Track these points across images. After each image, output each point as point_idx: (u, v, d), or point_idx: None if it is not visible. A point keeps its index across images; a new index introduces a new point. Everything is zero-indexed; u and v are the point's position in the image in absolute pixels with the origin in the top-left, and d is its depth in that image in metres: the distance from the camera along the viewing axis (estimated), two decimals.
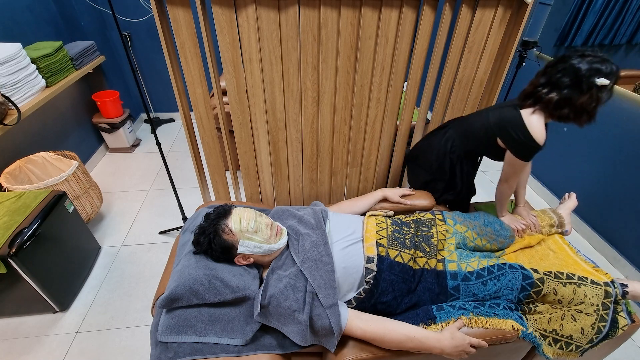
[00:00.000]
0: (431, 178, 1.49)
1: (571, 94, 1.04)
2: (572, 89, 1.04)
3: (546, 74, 1.10)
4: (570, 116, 1.08)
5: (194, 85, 1.35)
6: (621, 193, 1.92)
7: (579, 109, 1.06)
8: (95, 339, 1.54)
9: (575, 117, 1.08)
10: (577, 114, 1.07)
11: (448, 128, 1.44)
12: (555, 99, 1.06)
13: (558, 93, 1.06)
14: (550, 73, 1.08)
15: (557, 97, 1.06)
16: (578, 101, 1.04)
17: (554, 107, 1.08)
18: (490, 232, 1.23)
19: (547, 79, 1.09)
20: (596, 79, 1.00)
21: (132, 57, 2.97)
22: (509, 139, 1.16)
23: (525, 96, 1.15)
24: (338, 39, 1.31)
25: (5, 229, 1.38)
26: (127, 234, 2.09)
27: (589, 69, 1.00)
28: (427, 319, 0.99)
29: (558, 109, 1.08)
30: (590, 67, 1.00)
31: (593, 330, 0.98)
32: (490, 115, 1.23)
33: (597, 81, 1.00)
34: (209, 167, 1.61)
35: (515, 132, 1.13)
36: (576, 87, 1.03)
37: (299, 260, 1.03)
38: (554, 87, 1.07)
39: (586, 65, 1.01)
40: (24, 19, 2.08)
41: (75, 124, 2.51)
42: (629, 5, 1.91)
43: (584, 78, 1.01)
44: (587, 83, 1.01)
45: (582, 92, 1.03)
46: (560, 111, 1.08)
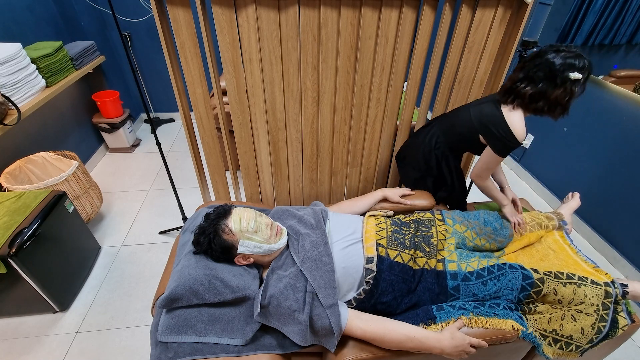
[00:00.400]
0: (420, 175, 1.52)
1: (546, 88, 1.08)
2: (546, 83, 1.08)
3: (524, 68, 1.13)
4: (544, 109, 1.12)
5: (194, 85, 1.35)
6: (621, 193, 1.92)
7: (553, 102, 1.10)
8: (95, 339, 1.54)
9: (549, 110, 1.12)
10: (551, 107, 1.11)
11: (432, 125, 1.47)
12: (530, 92, 1.11)
13: (533, 87, 1.10)
14: (527, 68, 1.12)
15: (532, 90, 1.10)
16: (552, 95, 1.08)
17: (529, 100, 1.12)
18: (490, 231, 1.23)
19: (524, 73, 1.13)
20: (570, 73, 1.04)
21: (132, 57, 2.97)
22: (491, 135, 1.20)
23: (505, 92, 1.18)
24: (338, 39, 1.31)
25: (5, 229, 1.38)
26: (127, 234, 2.09)
27: (563, 63, 1.04)
28: (427, 319, 0.99)
29: (533, 102, 1.12)
30: (564, 62, 1.04)
31: (593, 330, 0.98)
32: (472, 112, 1.27)
33: (571, 75, 1.04)
34: (209, 167, 1.61)
35: (497, 129, 1.17)
36: (550, 81, 1.07)
37: (299, 260, 1.03)
38: (530, 81, 1.11)
39: (560, 60, 1.05)
40: (24, 19, 2.08)
41: (75, 124, 2.51)
42: (629, 5, 1.91)
43: (558, 72, 1.05)
44: (561, 77, 1.05)
45: (556, 86, 1.07)
46: (535, 104, 1.12)
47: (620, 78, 1.95)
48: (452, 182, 1.48)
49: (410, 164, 1.56)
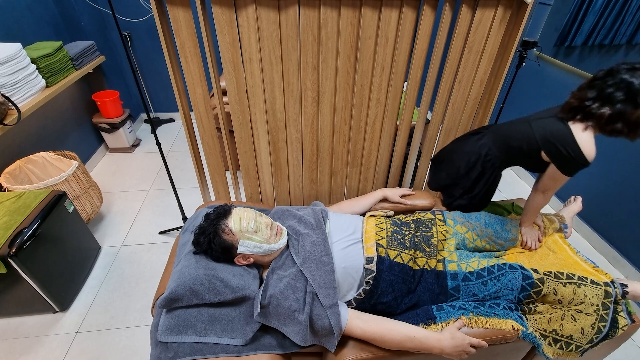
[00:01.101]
0: (452, 183, 1.44)
1: (624, 109, 1.01)
2: (625, 104, 1.01)
3: (594, 87, 1.06)
4: (624, 131, 1.05)
5: (194, 85, 1.35)
6: (621, 193, 1.93)
7: (633, 124, 1.02)
8: (95, 339, 1.54)
9: (630, 132, 1.05)
10: (631, 129, 1.04)
11: (482, 134, 1.38)
12: (607, 114, 1.03)
13: (611, 108, 1.02)
14: (600, 87, 1.05)
15: (610, 112, 1.03)
16: (633, 116, 1.01)
17: (606, 122, 1.05)
18: (491, 233, 1.23)
19: (596, 93, 1.05)
20: None
21: (132, 57, 2.97)
22: (557, 154, 1.11)
23: (572, 110, 1.10)
24: (338, 39, 1.31)
25: (5, 229, 1.38)
26: (127, 234, 2.09)
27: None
28: (427, 319, 0.99)
29: (610, 124, 1.05)
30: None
31: (593, 330, 0.98)
32: (534, 127, 1.18)
33: None
34: (209, 167, 1.61)
35: (565, 148, 1.09)
36: (630, 102, 1.00)
37: (299, 260, 1.03)
38: (605, 101, 1.03)
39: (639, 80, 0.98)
40: (24, 19, 2.08)
41: (75, 124, 2.51)
42: (629, 5, 1.91)
43: (638, 92, 0.98)
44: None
45: (637, 106, 1.00)
46: (612, 126, 1.05)
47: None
48: (478, 193, 1.41)
49: (446, 169, 1.48)
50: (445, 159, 1.50)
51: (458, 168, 1.39)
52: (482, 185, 1.38)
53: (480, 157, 1.33)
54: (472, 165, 1.35)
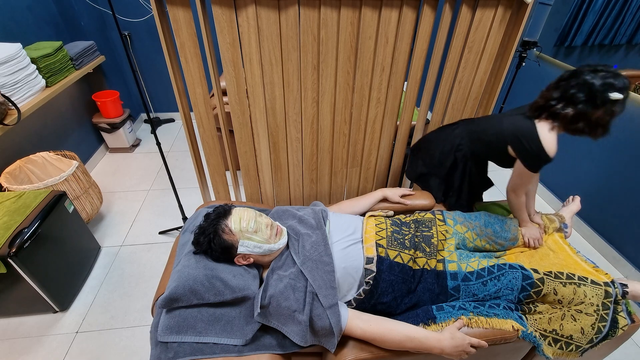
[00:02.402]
0: (427, 171, 1.50)
1: (586, 109, 1.05)
2: (586, 104, 1.05)
3: (559, 88, 1.10)
4: (585, 130, 1.09)
5: (194, 85, 1.35)
6: (621, 193, 1.93)
7: (593, 123, 1.07)
8: (95, 339, 1.54)
9: (591, 131, 1.09)
10: (592, 128, 1.09)
11: (458, 126, 1.44)
12: (570, 114, 1.08)
13: (573, 108, 1.07)
14: (564, 88, 1.09)
15: (573, 112, 1.07)
16: (593, 116, 1.05)
17: (569, 122, 1.09)
18: (490, 233, 1.23)
19: (560, 93, 1.10)
20: (610, 93, 1.01)
21: (132, 57, 2.97)
22: (521, 149, 1.17)
23: (538, 109, 1.15)
24: (338, 39, 1.31)
25: (5, 229, 1.38)
26: (127, 234, 2.09)
27: (603, 84, 1.02)
28: (427, 319, 0.99)
29: (573, 124, 1.09)
30: (604, 82, 1.02)
31: (593, 330, 0.98)
32: (504, 122, 1.23)
33: (611, 96, 1.01)
34: (209, 167, 1.61)
35: (529, 143, 1.14)
36: (591, 102, 1.04)
37: (299, 260, 1.03)
38: (568, 102, 1.08)
39: (600, 81, 1.02)
40: (24, 19, 2.08)
41: (75, 124, 2.51)
42: (629, 5, 1.91)
43: (598, 93, 1.02)
44: (601, 98, 1.02)
45: (597, 107, 1.04)
46: (575, 125, 1.09)
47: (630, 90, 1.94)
48: (459, 187, 1.45)
49: (422, 157, 1.53)
50: (422, 147, 1.56)
51: (432, 156, 1.46)
52: (460, 178, 1.43)
53: (454, 147, 1.39)
54: (446, 154, 1.41)
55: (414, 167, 1.60)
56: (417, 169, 1.56)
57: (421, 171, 1.53)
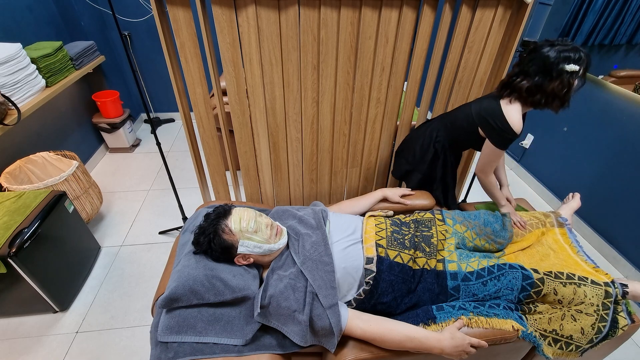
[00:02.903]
0: (411, 168, 1.53)
1: (542, 81, 1.10)
2: (542, 76, 1.10)
3: (520, 64, 1.16)
4: (542, 102, 1.14)
5: (194, 85, 1.35)
6: (621, 193, 1.92)
7: (550, 95, 1.12)
8: (95, 339, 1.54)
9: (547, 103, 1.14)
10: (548, 100, 1.13)
11: (433, 121, 1.49)
12: (526, 86, 1.13)
13: (529, 80, 1.12)
14: (523, 62, 1.15)
15: (528, 84, 1.12)
16: (549, 87, 1.10)
17: (526, 94, 1.14)
18: (490, 232, 1.23)
19: (520, 68, 1.15)
20: (565, 65, 1.06)
21: (132, 57, 2.97)
22: (488, 127, 1.22)
23: (502, 86, 1.21)
24: (338, 39, 1.31)
25: (5, 229, 1.38)
26: (127, 234, 2.09)
27: (557, 56, 1.06)
28: (427, 319, 0.99)
29: (530, 96, 1.14)
30: (559, 55, 1.06)
31: (593, 330, 0.98)
32: (472, 106, 1.30)
33: (567, 67, 1.06)
34: (209, 167, 1.61)
35: (494, 121, 1.19)
36: (546, 74, 1.09)
37: (299, 260, 1.03)
38: (525, 75, 1.13)
39: (554, 53, 1.07)
40: (24, 19, 2.08)
41: (75, 124, 2.51)
42: (629, 5, 1.91)
43: (554, 65, 1.07)
44: (556, 70, 1.07)
45: (552, 79, 1.09)
46: (532, 98, 1.14)
47: (620, 78, 1.95)
48: (443, 178, 1.50)
49: (405, 156, 1.57)
50: (404, 147, 1.60)
51: (414, 152, 1.50)
52: (442, 168, 1.47)
53: (432, 140, 1.43)
54: (425, 148, 1.45)
55: (398, 166, 1.64)
56: (401, 167, 1.60)
57: (405, 169, 1.57)
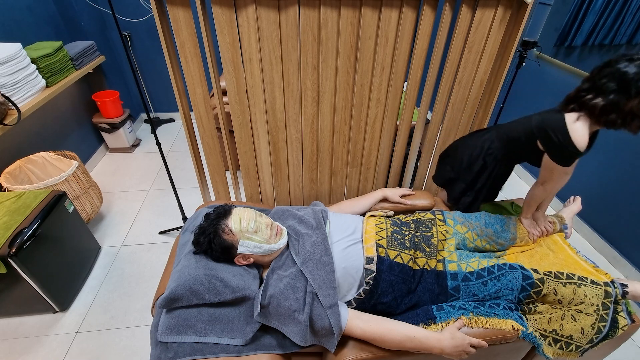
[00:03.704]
0: (455, 177, 1.46)
1: (618, 99, 0.98)
2: (619, 94, 0.98)
3: (591, 79, 1.05)
4: (618, 122, 1.01)
5: (194, 85, 1.35)
6: (621, 193, 1.93)
7: (628, 114, 0.99)
8: (95, 339, 1.54)
9: (625, 123, 1.01)
10: (626, 120, 1.01)
11: (488, 131, 1.40)
12: (600, 105, 1.01)
13: (604, 98, 1.00)
14: (595, 78, 1.03)
15: (603, 102, 1.00)
16: (627, 106, 0.98)
17: (600, 113, 1.02)
18: (491, 233, 1.23)
19: (591, 84, 1.04)
20: None
21: (132, 57, 2.97)
22: (548, 141, 1.11)
23: (568, 101, 1.10)
24: (338, 39, 1.31)
25: (5, 229, 1.38)
26: (127, 234, 2.09)
27: (638, 72, 0.95)
28: (427, 319, 0.99)
29: (604, 115, 1.02)
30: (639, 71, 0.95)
31: (593, 330, 0.98)
32: (534, 118, 1.19)
33: None
34: (209, 167, 1.61)
35: (555, 134, 1.08)
36: (624, 92, 0.97)
37: (299, 260, 1.03)
38: (599, 92, 1.01)
39: (634, 69, 0.95)
40: (24, 19, 2.08)
41: (75, 124, 2.51)
42: (629, 5, 1.91)
43: (633, 82, 0.95)
44: (636, 87, 0.95)
45: (631, 97, 0.97)
46: (607, 117, 1.02)
47: None
48: (480, 189, 1.42)
49: (450, 163, 1.50)
50: (451, 153, 1.53)
51: (461, 161, 1.42)
52: (485, 179, 1.39)
53: (483, 150, 1.35)
54: (474, 159, 1.37)
55: (441, 173, 1.57)
56: (445, 174, 1.52)
57: (449, 176, 1.49)
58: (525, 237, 1.27)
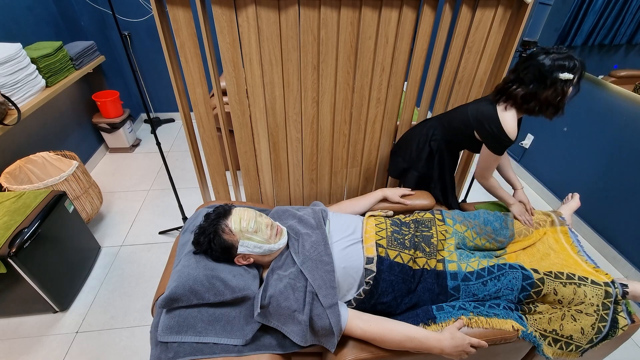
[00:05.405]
0: (407, 166, 1.54)
1: (536, 89, 1.11)
2: (536, 84, 1.11)
3: (516, 71, 1.17)
4: (536, 109, 1.15)
5: (194, 85, 1.35)
6: (621, 193, 1.92)
7: (544, 103, 1.13)
8: (95, 339, 1.54)
9: (541, 111, 1.15)
10: (542, 108, 1.14)
11: (430, 119, 1.50)
12: (521, 94, 1.14)
13: (524, 88, 1.13)
14: (519, 70, 1.15)
15: (523, 92, 1.14)
16: (543, 95, 1.11)
17: (521, 101, 1.15)
18: (490, 231, 1.23)
19: (515, 75, 1.17)
20: (560, 73, 1.06)
21: (132, 57, 2.97)
22: (484, 131, 1.23)
23: (498, 92, 1.22)
24: (338, 39, 1.31)
25: (5, 229, 1.38)
26: (127, 234, 2.09)
27: (552, 65, 1.07)
28: (427, 319, 0.99)
29: (525, 103, 1.15)
30: (553, 64, 1.07)
31: (593, 330, 0.98)
32: (469, 109, 1.30)
33: (561, 75, 1.07)
34: (209, 167, 1.61)
35: (490, 126, 1.20)
36: (540, 82, 1.10)
37: (299, 260, 1.03)
38: (520, 82, 1.14)
39: (549, 62, 1.07)
40: (24, 19, 2.08)
41: (75, 124, 2.51)
42: (629, 5, 1.91)
43: (548, 73, 1.08)
44: (550, 78, 1.08)
45: (546, 87, 1.10)
46: (527, 105, 1.16)
47: (620, 78, 1.95)
48: (440, 177, 1.50)
49: (401, 154, 1.58)
50: (402, 145, 1.60)
51: (410, 151, 1.50)
52: (438, 168, 1.48)
53: (428, 138, 1.45)
54: (421, 147, 1.46)
55: (395, 165, 1.64)
56: (398, 165, 1.60)
57: (402, 167, 1.57)
58: (524, 231, 1.28)
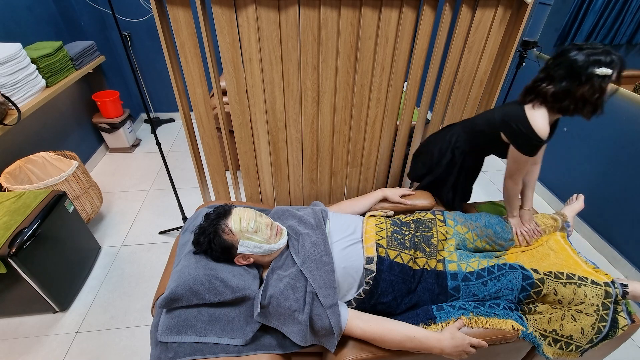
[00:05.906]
0: (427, 171, 1.52)
1: (569, 86, 1.04)
2: (569, 81, 1.04)
3: (546, 69, 1.12)
4: (570, 108, 1.08)
5: (194, 85, 1.35)
6: (621, 193, 1.92)
7: (579, 100, 1.05)
8: (95, 339, 1.54)
9: (577, 109, 1.08)
10: (578, 105, 1.06)
11: (455, 125, 1.46)
12: (551, 91, 1.07)
13: (555, 85, 1.07)
14: (549, 67, 1.10)
15: (554, 89, 1.07)
16: (578, 92, 1.04)
17: (552, 100, 1.08)
18: (491, 233, 1.23)
19: (546, 73, 1.11)
20: (596, 68, 1.00)
21: (132, 57, 2.97)
22: (512, 132, 1.16)
23: (527, 92, 1.16)
24: (338, 39, 1.31)
25: (5, 229, 1.38)
26: (127, 234, 2.09)
27: (586, 60, 1.00)
28: (427, 319, 0.99)
29: (557, 102, 1.08)
30: (588, 59, 1.00)
31: (593, 330, 0.98)
32: (495, 111, 1.26)
33: (597, 71, 1.00)
34: (209, 167, 1.61)
35: (517, 125, 1.13)
36: (574, 78, 1.03)
37: (299, 260, 1.03)
38: (551, 80, 1.08)
39: (583, 57, 1.01)
40: (24, 19, 2.08)
41: (75, 124, 2.51)
42: (629, 5, 1.91)
43: (582, 69, 1.01)
44: (585, 74, 1.01)
45: (581, 83, 1.02)
46: (560, 104, 1.08)
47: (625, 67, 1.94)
48: (455, 183, 1.46)
49: (422, 159, 1.55)
50: (423, 150, 1.58)
51: (432, 156, 1.47)
52: (457, 173, 1.44)
53: (450, 144, 1.41)
54: (443, 152, 1.43)
55: (415, 169, 1.62)
56: (418, 171, 1.58)
57: (421, 172, 1.55)
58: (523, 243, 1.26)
